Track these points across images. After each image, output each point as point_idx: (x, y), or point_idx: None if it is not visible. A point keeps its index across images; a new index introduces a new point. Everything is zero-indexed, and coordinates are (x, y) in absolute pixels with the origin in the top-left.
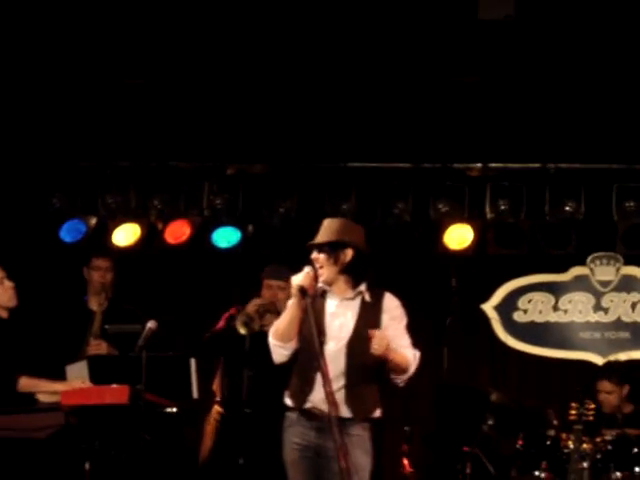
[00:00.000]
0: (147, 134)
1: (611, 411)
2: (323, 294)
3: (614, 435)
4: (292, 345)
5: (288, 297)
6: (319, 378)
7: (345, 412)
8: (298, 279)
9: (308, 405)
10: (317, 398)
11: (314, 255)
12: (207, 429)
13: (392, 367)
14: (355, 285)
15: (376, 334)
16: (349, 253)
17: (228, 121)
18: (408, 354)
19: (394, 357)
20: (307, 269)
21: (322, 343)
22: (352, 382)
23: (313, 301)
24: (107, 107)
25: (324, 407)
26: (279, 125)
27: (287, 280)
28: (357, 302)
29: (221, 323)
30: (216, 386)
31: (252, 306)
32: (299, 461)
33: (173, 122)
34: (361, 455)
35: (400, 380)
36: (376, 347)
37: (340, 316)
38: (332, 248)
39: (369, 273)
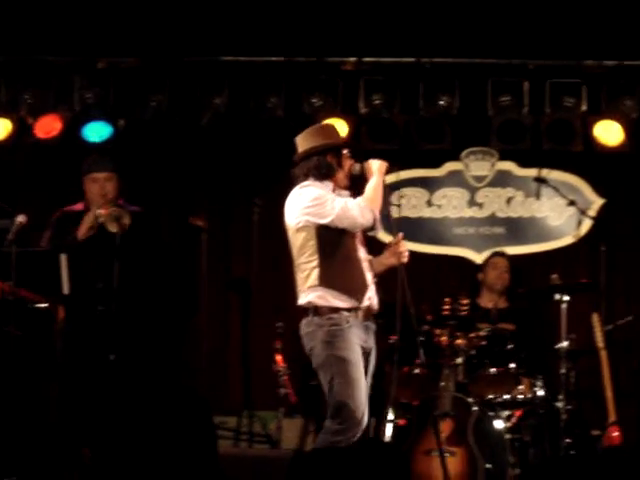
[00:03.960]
0: (16, 27)
1: (502, 289)
2: None
3: (488, 331)
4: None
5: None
6: (367, 275)
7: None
8: (377, 161)
9: (366, 303)
10: (371, 295)
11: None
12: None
13: None
14: None
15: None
16: None
17: (99, 14)
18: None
19: None
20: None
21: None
22: None
23: None
24: None
25: (374, 304)
26: (150, 18)
27: (113, 171)
28: None
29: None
30: None
31: (110, 207)
32: (360, 361)
33: (43, 14)
34: None
35: None
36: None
37: None
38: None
39: None
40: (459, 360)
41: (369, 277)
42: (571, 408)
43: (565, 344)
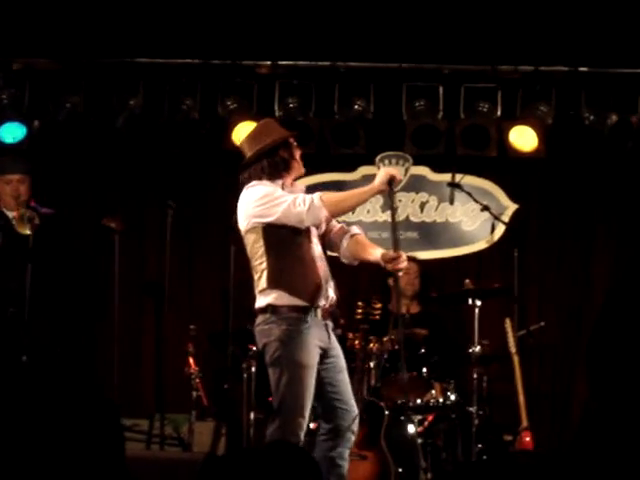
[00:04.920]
0: None
1: (413, 295)
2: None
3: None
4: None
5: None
6: (322, 272)
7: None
8: (390, 169)
9: (322, 302)
10: (328, 293)
11: None
12: None
13: None
14: None
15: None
16: None
17: (14, 14)
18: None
19: None
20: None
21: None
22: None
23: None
24: None
25: (332, 302)
26: (66, 19)
27: (26, 172)
28: None
29: None
30: None
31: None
32: (314, 365)
33: None
34: None
35: None
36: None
37: None
38: None
39: None
40: (372, 364)
41: (324, 275)
42: (483, 413)
43: (478, 349)
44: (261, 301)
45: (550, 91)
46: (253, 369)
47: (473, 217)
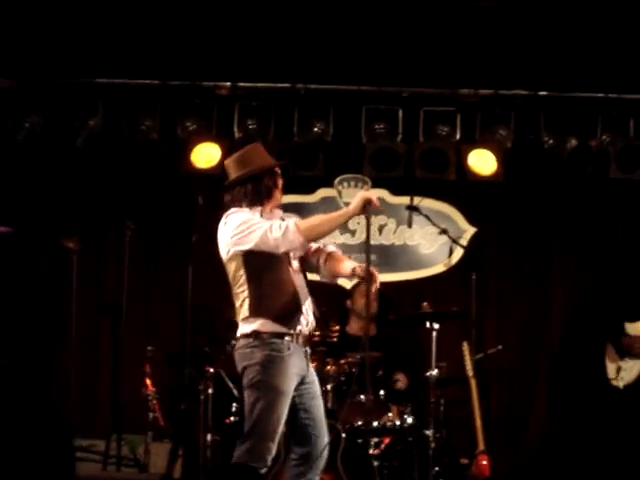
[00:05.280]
0: None
1: (370, 317)
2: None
3: (358, 358)
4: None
5: None
6: (303, 298)
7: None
8: (367, 193)
9: (303, 327)
10: (308, 318)
11: None
12: None
13: None
14: None
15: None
16: None
17: None
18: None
19: None
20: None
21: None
22: None
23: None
24: None
25: (311, 327)
26: (25, 39)
27: None
28: None
29: None
30: None
31: None
32: (290, 393)
33: None
34: None
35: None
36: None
37: None
38: None
39: None
40: (329, 387)
41: (304, 299)
42: (440, 436)
43: (435, 372)
44: (245, 328)
45: (509, 115)
46: (210, 391)
47: (431, 240)
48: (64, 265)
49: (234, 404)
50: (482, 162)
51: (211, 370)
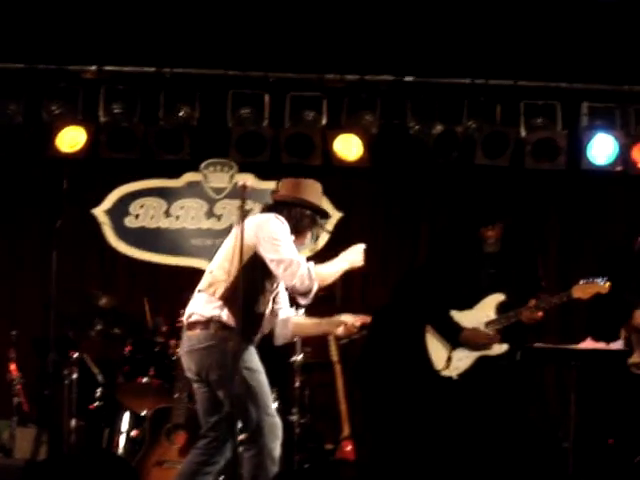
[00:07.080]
0: None
1: None
2: None
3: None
4: None
5: None
6: (265, 325)
7: None
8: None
9: (258, 337)
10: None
11: None
12: None
13: None
14: None
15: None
16: None
17: None
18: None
19: None
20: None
21: None
22: None
23: None
24: None
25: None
26: None
27: None
28: None
29: None
30: None
31: None
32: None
33: None
34: None
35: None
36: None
37: None
38: None
39: None
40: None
41: (264, 327)
42: (305, 422)
43: (300, 357)
44: (207, 309)
45: (375, 100)
46: (74, 376)
47: None
48: None
49: (98, 389)
50: (348, 147)
51: (75, 355)
